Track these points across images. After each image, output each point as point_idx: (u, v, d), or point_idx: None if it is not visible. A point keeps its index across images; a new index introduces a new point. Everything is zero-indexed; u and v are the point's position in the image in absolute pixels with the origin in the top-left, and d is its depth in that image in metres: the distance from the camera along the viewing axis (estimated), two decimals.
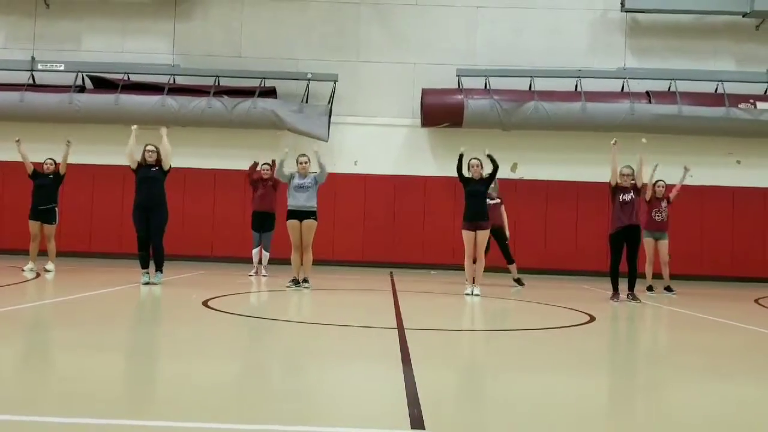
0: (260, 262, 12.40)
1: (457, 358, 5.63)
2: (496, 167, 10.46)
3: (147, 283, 9.77)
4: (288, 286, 10.14)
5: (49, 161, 11.80)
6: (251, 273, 12.35)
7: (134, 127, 10.33)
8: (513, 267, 12.10)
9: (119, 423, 3.20)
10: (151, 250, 10.10)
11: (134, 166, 10.08)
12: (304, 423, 3.33)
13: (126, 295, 8.89)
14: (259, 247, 12.38)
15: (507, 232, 12.03)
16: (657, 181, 11.90)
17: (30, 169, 11.60)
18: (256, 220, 12.39)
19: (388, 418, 3.49)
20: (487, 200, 11.59)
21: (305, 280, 10.30)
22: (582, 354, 5.92)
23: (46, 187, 11.59)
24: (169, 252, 10.72)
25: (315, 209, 10.34)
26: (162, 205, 10.10)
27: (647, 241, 11.73)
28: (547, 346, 6.17)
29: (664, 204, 11.77)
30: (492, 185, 11.50)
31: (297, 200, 10.27)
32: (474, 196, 10.34)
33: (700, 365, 5.56)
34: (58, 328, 6.32)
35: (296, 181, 10.33)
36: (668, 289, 11.72)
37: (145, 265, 10.06)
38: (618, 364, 5.73)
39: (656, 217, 11.69)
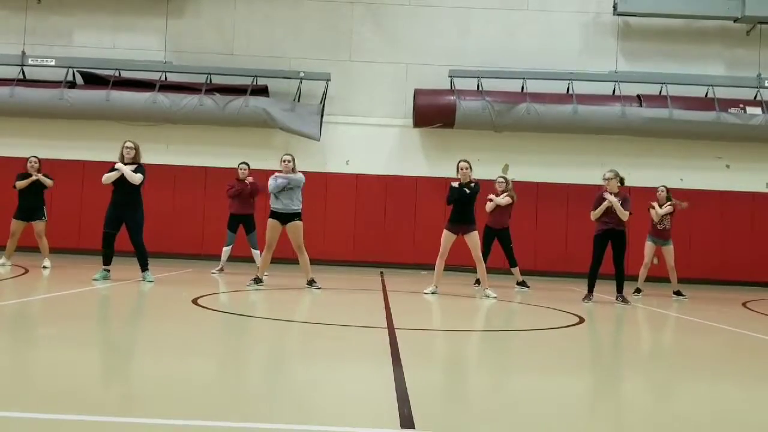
0: (256, 263, 12.34)
1: (446, 358, 5.63)
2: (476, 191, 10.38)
3: (96, 279, 9.58)
4: (248, 285, 10.04)
5: (33, 159, 11.72)
6: (215, 270, 12.28)
7: (122, 167, 9.85)
8: (516, 270, 11.97)
9: (109, 420, 3.18)
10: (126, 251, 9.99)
11: (108, 182, 9.92)
12: (294, 422, 3.32)
13: (116, 292, 8.85)
14: (231, 246, 12.29)
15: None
16: (659, 188, 11.92)
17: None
18: (234, 222, 12.24)
19: (378, 418, 3.49)
20: (491, 203, 11.69)
21: (313, 281, 10.26)
22: (571, 355, 5.93)
23: (32, 187, 11.52)
24: (159, 249, 10.69)
25: (299, 211, 10.21)
26: (137, 205, 9.97)
27: (648, 245, 11.79)
28: (536, 347, 6.19)
29: (660, 210, 11.69)
30: (507, 186, 11.66)
31: (280, 202, 10.12)
32: (460, 201, 10.18)
33: (687, 367, 5.59)
34: (46, 324, 6.29)
35: (278, 179, 10.17)
36: (678, 293, 11.72)
37: (107, 262, 9.95)
38: (606, 365, 5.75)
39: (659, 226, 11.69)
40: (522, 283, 11.95)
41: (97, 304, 8.04)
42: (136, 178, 9.84)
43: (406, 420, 3.34)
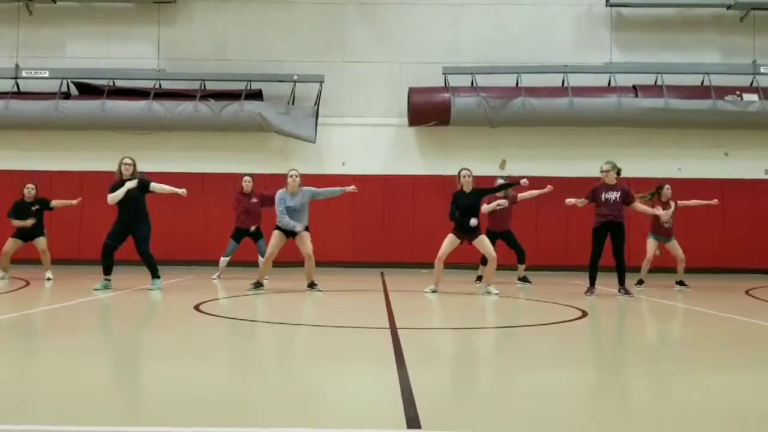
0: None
1: (450, 357, 5.61)
2: (502, 187, 10.48)
3: (98, 289, 9.53)
4: (249, 290, 10.03)
5: (30, 186, 11.64)
6: (215, 276, 12.23)
7: (131, 184, 9.84)
8: (521, 267, 11.98)
9: (113, 429, 3.16)
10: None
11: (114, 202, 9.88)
12: (300, 425, 3.29)
13: (117, 301, 8.82)
14: (229, 257, 12.16)
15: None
16: (664, 186, 11.84)
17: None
18: (239, 234, 12.06)
19: (383, 418, 3.47)
20: (488, 206, 11.46)
21: (314, 284, 10.23)
22: (576, 349, 5.91)
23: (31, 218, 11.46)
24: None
25: (306, 226, 10.20)
26: (143, 219, 9.98)
27: (650, 242, 11.70)
28: (541, 343, 6.16)
29: (670, 210, 11.60)
30: (502, 194, 11.47)
31: (288, 222, 10.04)
32: (464, 211, 9.99)
33: (693, 357, 5.57)
34: (50, 335, 6.26)
35: (287, 203, 10.06)
36: (681, 283, 11.68)
37: (107, 272, 9.90)
38: (612, 358, 5.73)
39: (666, 225, 11.59)
40: (524, 279, 11.94)
41: (99, 314, 8.01)
42: (167, 189, 10.06)
43: (412, 420, 3.32)
